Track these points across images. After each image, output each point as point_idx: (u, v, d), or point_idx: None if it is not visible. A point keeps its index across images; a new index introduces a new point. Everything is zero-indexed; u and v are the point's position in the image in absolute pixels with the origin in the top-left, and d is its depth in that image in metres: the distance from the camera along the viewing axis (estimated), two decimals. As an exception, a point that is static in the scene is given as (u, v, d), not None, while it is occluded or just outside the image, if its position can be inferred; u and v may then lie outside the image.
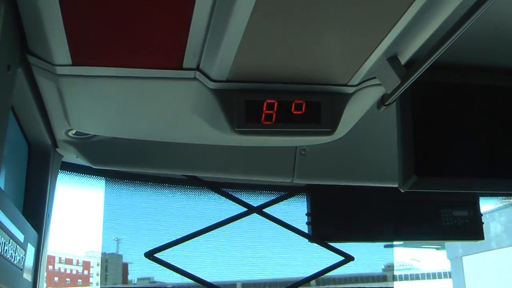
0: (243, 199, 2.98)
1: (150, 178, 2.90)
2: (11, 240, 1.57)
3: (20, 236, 1.72)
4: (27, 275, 1.90)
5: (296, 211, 3.04)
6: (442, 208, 2.94)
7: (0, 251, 1.45)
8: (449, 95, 1.92)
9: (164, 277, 2.97)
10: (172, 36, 1.33)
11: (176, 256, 2.88)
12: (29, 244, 1.88)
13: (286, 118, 1.58)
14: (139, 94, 1.65)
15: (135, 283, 3.20)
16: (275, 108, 1.57)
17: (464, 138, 1.90)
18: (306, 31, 1.29)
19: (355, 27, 1.29)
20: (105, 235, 2.90)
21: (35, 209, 2.13)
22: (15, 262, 1.66)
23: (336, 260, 3.07)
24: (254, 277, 3.30)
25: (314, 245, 2.98)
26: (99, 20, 1.26)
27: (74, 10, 1.22)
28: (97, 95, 1.67)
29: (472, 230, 2.97)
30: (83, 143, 2.35)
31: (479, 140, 1.91)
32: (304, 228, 2.95)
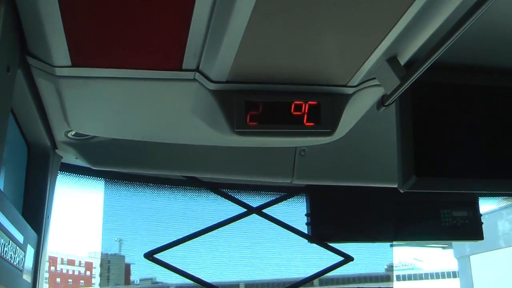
0: (242, 200, 2.98)
1: (149, 179, 2.90)
2: (10, 241, 1.57)
3: (20, 237, 1.72)
4: (27, 276, 1.90)
5: (295, 211, 3.04)
6: (442, 208, 2.95)
7: (-1, 252, 1.45)
8: (448, 95, 1.92)
9: (166, 277, 2.97)
10: (171, 37, 1.33)
11: (176, 257, 2.88)
12: (28, 245, 1.88)
13: (286, 119, 1.58)
14: (139, 95, 1.65)
15: (138, 284, 3.20)
16: (275, 109, 1.57)
17: (464, 139, 1.90)
18: (306, 32, 1.29)
19: (355, 28, 1.29)
20: (104, 236, 2.90)
21: (35, 210, 2.13)
22: (15, 263, 1.66)
23: (335, 260, 3.07)
24: (254, 277, 3.30)
25: (314, 245, 2.98)
26: (99, 22, 1.26)
27: (74, 12, 1.22)
28: (96, 96, 1.66)
29: (472, 230, 2.97)
30: (82, 144, 2.35)
31: (478, 141, 1.91)
32: (304, 229, 2.95)
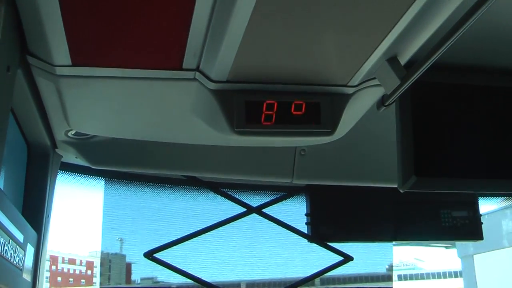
0: (242, 199, 2.98)
1: (149, 179, 2.90)
2: (10, 240, 1.57)
3: (20, 236, 1.72)
4: (27, 275, 1.90)
5: (295, 211, 3.04)
6: (442, 208, 2.95)
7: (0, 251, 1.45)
8: (448, 95, 1.92)
9: (167, 277, 2.97)
10: (172, 37, 1.33)
11: (176, 256, 2.88)
12: (28, 244, 1.88)
13: (286, 118, 1.58)
14: (139, 94, 1.65)
15: (139, 283, 3.20)
16: (275, 109, 1.57)
17: (464, 139, 1.90)
18: (306, 32, 1.29)
19: (355, 28, 1.29)
20: (104, 235, 2.90)
21: (35, 209, 2.13)
22: (15, 262, 1.66)
23: (335, 260, 3.07)
24: (253, 277, 3.30)
25: (313, 245, 2.98)
26: (99, 21, 1.26)
27: (74, 11, 1.22)
28: (96, 95, 1.66)
29: (472, 230, 2.97)
30: (82, 143, 2.35)
31: (478, 141, 1.91)
32: (304, 228, 2.95)
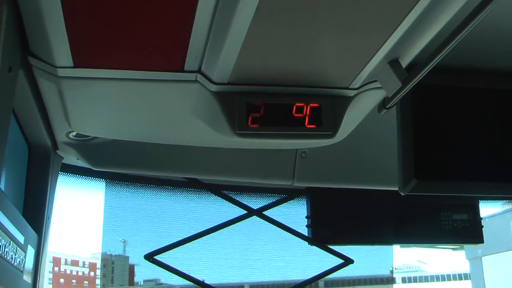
0: (243, 202, 2.98)
1: (150, 180, 2.89)
2: (11, 241, 1.57)
3: (20, 238, 1.72)
4: (27, 277, 1.90)
5: (296, 213, 3.04)
6: (442, 211, 2.94)
7: (0, 252, 1.45)
8: (449, 98, 1.92)
9: (170, 279, 2.96)
10: (174, 38, 1.33)
11: (176, 258, 2.88)
12: (29, 246, 1.88)
13: (287, 121, 1.58)
14: (140, 96, 1.65)
15: (141, 285, 3.20)
16: (276, 111, 1.57)
17: (464, 142, 1.90)
18: (308, 34, 1.30)
19: (357, 31, 1.29)
20: (105, 237, 2.90)
21: (35, 210, 2.12)
22: (15, 264, 1.66)
23: (336, 262, 3.07)
24: (254, 279, 3.29)
25: (314, 247, 2.98)
26: (101, 23, 1.27)
27: (76, 12, 1.22)
28: (98, 97, 1.67)
29: (472, 233, 2.97)
30: (83, 145, 2.35)
31: (479, 144, 1.91)
32: (304, 231, 2.95)
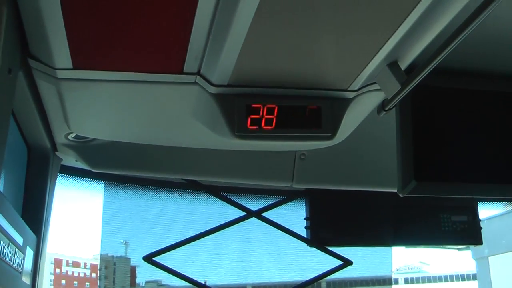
0: (242, 203, 2.98)
1: (149, 182, 2.89)
2: (10, 243, 1.57)
3: (19, 239, 1.72)
4: (26, 278, 1.89)
5: (295, 215, 3.04)
6: (441, 213, 2.94)
7: (-1, 254, 1.45)
8: (449, 100, 1.92)
9: (172, 280, 2.95)
10: (173, 40, 1.33)
11: (175, 260, 2.88)
12: (28, 247, 1.88)
13: (286, 123, 1.58)
14: (140, 98, 1.65)
15: (143, 286, 3.19)
16: (276, 113, 1.57)
17: (464, 143, 1.90)
18: (307, 37, 1.30)
19: (356, 33, 1.29)
20: (104, 239, 2.89)
21: (34, 212, 2.12)
22: (14, 265, 1.66)
23: (335, 264, 3.07)
24: (252, 281, 3.29)
25: (313, 249, 2.98)
26: (101, 25, 1.27)
27: (76, 14, 1.22)
28: (97, 98, 1.67)
29: (471, 235, 2.97)
30: (82, 146, 2.34)
31: (478, 146, 1.91)
32: (303, 233, 2.95)
